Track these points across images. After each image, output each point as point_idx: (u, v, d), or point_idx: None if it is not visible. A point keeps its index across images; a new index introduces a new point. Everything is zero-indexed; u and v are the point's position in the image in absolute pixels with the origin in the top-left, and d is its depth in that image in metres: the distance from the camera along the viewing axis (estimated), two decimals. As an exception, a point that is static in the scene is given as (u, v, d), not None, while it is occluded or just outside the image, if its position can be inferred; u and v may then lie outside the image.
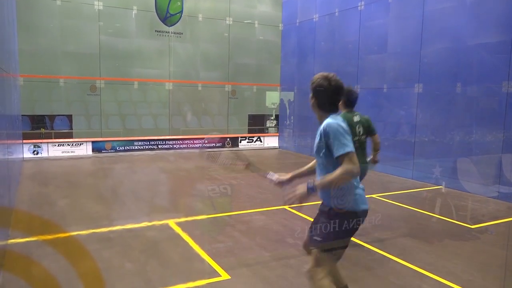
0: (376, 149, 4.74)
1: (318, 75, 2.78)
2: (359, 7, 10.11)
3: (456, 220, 5.70)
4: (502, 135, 6.94)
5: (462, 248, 4.72)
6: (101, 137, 11.11)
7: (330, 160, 2.65)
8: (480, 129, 7.40)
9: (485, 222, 5.67)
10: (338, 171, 2.52)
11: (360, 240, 4.74)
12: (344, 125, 2.64)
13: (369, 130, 4.56)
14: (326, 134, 2.64)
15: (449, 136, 7.93)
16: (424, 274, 3.90)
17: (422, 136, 8.49)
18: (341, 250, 2.87)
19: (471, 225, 5.49)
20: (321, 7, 11.57)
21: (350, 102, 4.48)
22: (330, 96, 2.73)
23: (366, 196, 2.83)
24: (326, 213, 2.76)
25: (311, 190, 2.61)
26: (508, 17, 6.87)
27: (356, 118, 4.45)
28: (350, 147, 2.53)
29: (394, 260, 4.22)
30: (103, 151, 11.04)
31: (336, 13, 10.91)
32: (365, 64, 10.00)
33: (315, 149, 2.82)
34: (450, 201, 6.86)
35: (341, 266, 4.10)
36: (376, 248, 4.54)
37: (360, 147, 4.25)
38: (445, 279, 3.78)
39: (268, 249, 4.46)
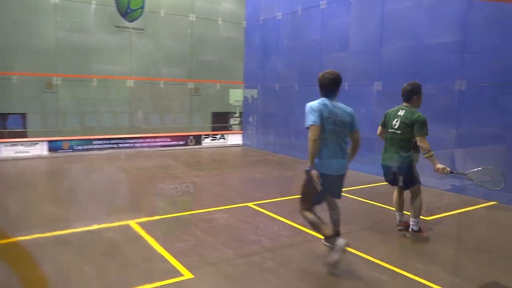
0: None
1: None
2: (321, 6, 10.26)
3: (413, 213, 5.91)
4: (455, 131, 7.27)
5: (417, 239, 4.90)
6: (58, 136, 10.69)
7: None
8: (436, 125, 7.68)
9: (439, 214, 5.92)
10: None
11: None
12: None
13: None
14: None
15: (406, 132, 8.20)
16: (383, 266, 4.02)
17: (382, 132, 8.74)
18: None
19: (426, 217, 5.72)
20: (284, 5, 11.65)
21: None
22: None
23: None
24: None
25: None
26: (461, 18, 7.19)
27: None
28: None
29: (354, 253, 4.32)
30: (60, 151, 10.62)
31: (299, 12, 11.02)
32: (327, 62, 10.16)
33: None
34: (406, 194, 7.09)
35: (303, 259, 4.16)
36: (337, 242, 4.63)
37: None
38: (403, 270, 3.91)
39: (231, 247, 4.46)
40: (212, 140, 13.13)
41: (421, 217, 5.70)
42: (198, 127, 13.06)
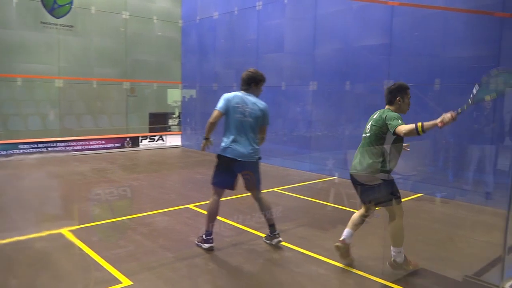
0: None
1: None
2: (257, 7, 10.39)
3: (348, 207, 6.20)
4: (385, 128, 7.72)
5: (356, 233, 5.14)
6: (-22, 140, 9.83)
7: None
8: (366, 123, 8.13)
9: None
10: None
11: (263, 233, 4.90)
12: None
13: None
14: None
15: (340, 130, 8.58)
16: (321, 260, 4.18)
17: (317, 131, 9.07)
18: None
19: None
20: (220, 5, 11.64)
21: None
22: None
23: (268, 190, 3.06)
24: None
25: None
26: (386, 22, 7.65)
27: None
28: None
29: (295, 249, 4.44)
30: (-20, 156, 9.77)
31: (236, 12, 11.07)
32: (264, 62, 10.32)
33: None
34: (342, 190, 7.43)
35: (245, 259, 4.20)
36: (277, 239, 4.72)
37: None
38: (340, 263, 4.09)
39: (172, 250, 4.38)
40: (150, 141, 12.78)
41: (355, 211, 5.99)
42: (135, 128, 12.65)
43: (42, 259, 4.11)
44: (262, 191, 4.65)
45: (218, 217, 5.42)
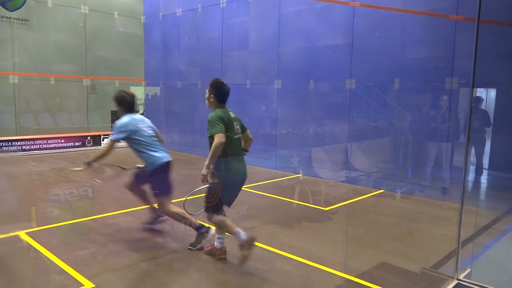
0: (247, 147, 4.72)
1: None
2: (221, 4, 10.34)
3: (312, 204, 6.32)
4: (347, 126, 7.92)
5: (317, 229, 5.25)
6: None
7: None
8: (330, 121, 8.31)
9: (336, 204, 6.41)
10: None
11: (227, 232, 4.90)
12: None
13: (243, 128, 4.45)
14: None
15: (305, 128, 8.71)
16: (287, 257, 4.23)
17: (282, 129, 9.16)
18: None
19: (325, 208, 6.15)
20: (184, 1, 11.50)
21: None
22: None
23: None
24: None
25: None
26: (349, 23, 7.83)
27: (232, 115, 4.25)
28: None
29: (261, 247, 4.47)
30: None
31: (199, 9, 10.97)
32: (228, 60, 10.30)
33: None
34: (307, 187, 7.56)
35: (212, 258, 4.19)
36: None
37: (240, 144, 4.29)
38: (304, 259, 4.16)
39: (136, 250, 4.30)
40: (111, 140, 12.42)
41: (320, 207, 6.12)
42: (97, 126, 12.27)
43: (-3, 264, 3.93)
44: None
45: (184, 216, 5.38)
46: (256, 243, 4.53)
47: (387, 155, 7.51)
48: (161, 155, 4.49)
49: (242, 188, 4.34)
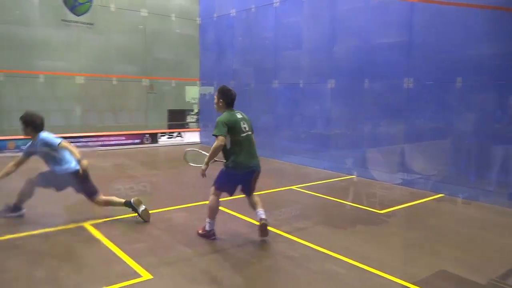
0: None
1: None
2: (274, 4, 10.36)
3: (367, 207, 6.15)
4: (404, 127, 7.63)
5: (372, 232, 5.10)
6: (3, 136, 10.06)
7: None
8: (386, 121, 8.04)
9: (392, 207, 6.19)
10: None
11: (281, 231, 4.90)
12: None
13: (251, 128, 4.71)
14: None
15: (359, 128, 8.51)
16: (340, 259, 4.15)
17: (336, 129, 9.00)
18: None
19: (380, 210, 5.96)
20: (238, 2, 11.64)
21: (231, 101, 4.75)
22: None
23: (286, 188, 3.05)
24: None
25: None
26: (406, 19, 7.53)
27: (239, 116, 4.66)
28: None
29: (313, 248, 4.43)
30: (5, 151, 10.01)
31: (253, 9, 11.06)
32: (281, 60, 10.29)
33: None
34: (361, 189, 7.37)
35: (264, 256, 4.21)
36: (295, 237, 4.73)
37: (248, 141, 4.55)
38: (359, 262, 4.06)
39: (190, 245, 4.41)
40: (168, 138, 12.91)
41: (374, 210, 5.96)
42: (154, 125, 12.79)
43: (65, 251, 4.20)
44: (280, 189, 4.68)
45: (236, 214, 5.46)
46: (308, 243, 4.50)
47: (448, 157, 7.13)
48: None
49: (294, 188, 4.32)
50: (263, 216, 4.48)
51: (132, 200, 5.18)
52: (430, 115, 7.39)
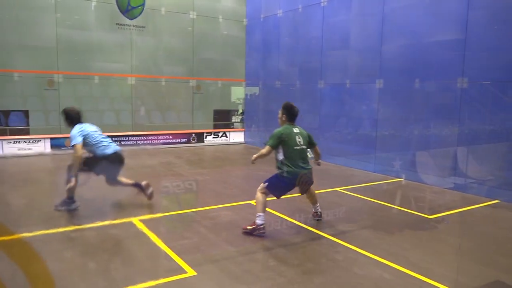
0: (317, 158, 5.43)
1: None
2: (322, 4, 10.25)
3: (415, 211, 5.94)
4: (457, 129, 7.28)
5: (420, 237, 4.92)
6: (60, 134, 10.70)
7: None
8: (437, 123, 7.71)
9: (442, 212, 5.93)
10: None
11: (325, 233, 4.84)
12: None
13: (310, 142, 5.10)
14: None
15: (408, 130, 8.22)
16: (386, 264, 4.03)
17: (383, 130, 8.76)
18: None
19: (429, 215, 5.73)
20: (285, 2, 11.64)
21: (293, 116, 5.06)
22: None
23: (330, 189, 3.00)
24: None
25: None
26: (462, 16, 7.19)
27: (295, 130, 4.95)
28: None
29: (357, 251, 4.34)
30: (62, 148, 10.64)
31: (300, 9, 11.01)
32: (328, 59, 10.17)
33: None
34: (409, 192, 7.12)
35: (306, 257, 4.17)
36: (340, 240, 4.65)
37: (300, 153, 4.86)
38: (405, 268, 3.93)
39: (234, 244, 4.47)
40: (214, 137, 13.15)
41: (423, 215, 5.74)
42: (200, 124, 13.08)
43: (115, 245, 4.40)
44: (324, 190, 4.67)
45: (280, 215, 5.46)
46: (354, 247, 4.41)
47: (505, 161, 6.72)
48: None
49: (339, 190, 4.28)
50: (319, 210, 5.31)
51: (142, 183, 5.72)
52: (486, 117, 7.00)
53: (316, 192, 5.31)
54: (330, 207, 5.99)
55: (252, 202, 6.14)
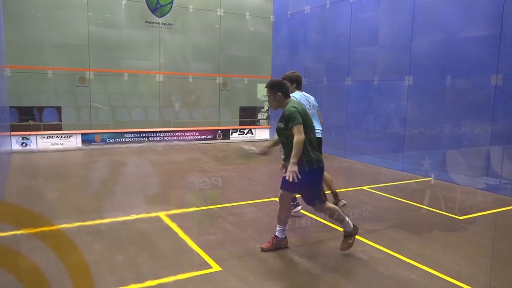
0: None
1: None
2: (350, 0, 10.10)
3: (445, 212, 5.78)
4: (490, 128, 7.03)
5: (450, 239, 4.79)
6: (91, 129, 11.01)
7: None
8: (469, 121, 7.48)
9: (473, 213, 5.76)
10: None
11: (350, 232, 4.78)
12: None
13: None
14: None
15: (438, 128, 8.00)
16: (413, 265, 3.95)
17: (412, 128, 8.56)
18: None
19: (459, 216, 5.57)
20: (312, -1, 11.54)
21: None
22: None
23: (357, 188, 2.97)
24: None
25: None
26: (497, 10, 6.92)
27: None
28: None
29: (384, 251, 4.27)
30: (92, 143, 10.95)
31: (328, 5, 10.88)
32: (356, 56, 10.01)
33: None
34: (439, 192, 6.94)
35: (331, 255, 4.14)
36: (366, 239, 4.59)
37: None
38: (434, 270, 3.84)
39: (259, 240, 4.48)
40: (240, 134, 13.21)
41: (454, 216, 5.59)
42: (226, 121, 13.15)
43: (142, 239, 4.49)
44: (350, 188, 4.58)
45: (305, 213, 5.44)
46: (380, 247, 4.34)
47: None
48: None
49: (365, 188, 4.21)
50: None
51: None
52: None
53: (341, 190, 5.25)
54: (357, 205, 5.91)
55: (277, 199, 6.14)
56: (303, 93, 5.30)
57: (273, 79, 4.39)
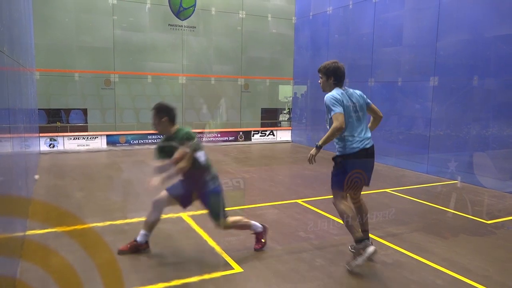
0: None
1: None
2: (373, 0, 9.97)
3: (472, 215, 5.63)
4: (520, 129, 6.81)
5: (477, 243, 4.65)
6: (116, 131, 11.23)
7: None
8: (497, 122, 7.26)
9: (501, 218, 5.58)
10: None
11: (373, 235, 4.71)
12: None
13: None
14: None
15: (465, 130, 7.80)
16: (439, 270, 3.86)
17: (438, 130, 8.38)
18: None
19: (487, 221, 5.41)
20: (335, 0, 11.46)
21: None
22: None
23: (380, 190, 2.93)
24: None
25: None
26: (527, 8, 6.71)
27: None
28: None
29: (409, 255, 4.19)
30: (117, 145, 11.17)
31: (350, 6, 10.78)
32: (379, 57, 9.88)
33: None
34: (465, 196, 6.76)
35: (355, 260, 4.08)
36: (390, 243, 4.51)
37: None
38: (460, 275, 3.74)
39: (280, 242, 4.47)
40: (261, 136, 13.22)
41: (481, 220, 5.44)
42: (248, 123, 13.19)
43: (165, 239, 4.54)
44: (373, 191, 4.49)
45: (327, 215, 5.39)
46: (404, 251, 4.26)
47: None
48: None
49: (388, 191, 4.14)
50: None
51: None
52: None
53: (364, 192, 5.18)
54: (379, 208, 5.82)
55: (299, 201, 6.11)
56: (346, 89, 4.23)
57: (161, 102, 4.34)
